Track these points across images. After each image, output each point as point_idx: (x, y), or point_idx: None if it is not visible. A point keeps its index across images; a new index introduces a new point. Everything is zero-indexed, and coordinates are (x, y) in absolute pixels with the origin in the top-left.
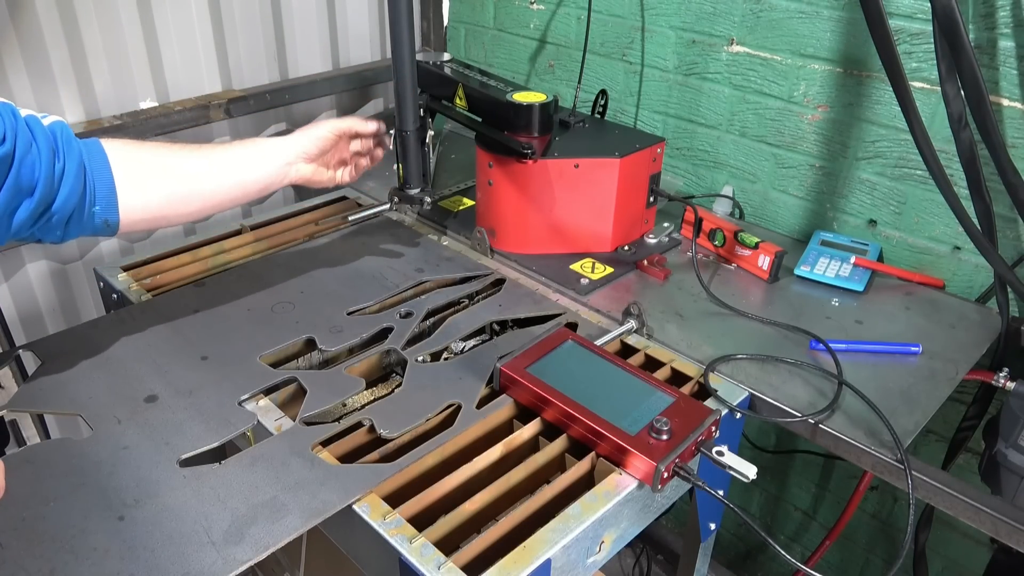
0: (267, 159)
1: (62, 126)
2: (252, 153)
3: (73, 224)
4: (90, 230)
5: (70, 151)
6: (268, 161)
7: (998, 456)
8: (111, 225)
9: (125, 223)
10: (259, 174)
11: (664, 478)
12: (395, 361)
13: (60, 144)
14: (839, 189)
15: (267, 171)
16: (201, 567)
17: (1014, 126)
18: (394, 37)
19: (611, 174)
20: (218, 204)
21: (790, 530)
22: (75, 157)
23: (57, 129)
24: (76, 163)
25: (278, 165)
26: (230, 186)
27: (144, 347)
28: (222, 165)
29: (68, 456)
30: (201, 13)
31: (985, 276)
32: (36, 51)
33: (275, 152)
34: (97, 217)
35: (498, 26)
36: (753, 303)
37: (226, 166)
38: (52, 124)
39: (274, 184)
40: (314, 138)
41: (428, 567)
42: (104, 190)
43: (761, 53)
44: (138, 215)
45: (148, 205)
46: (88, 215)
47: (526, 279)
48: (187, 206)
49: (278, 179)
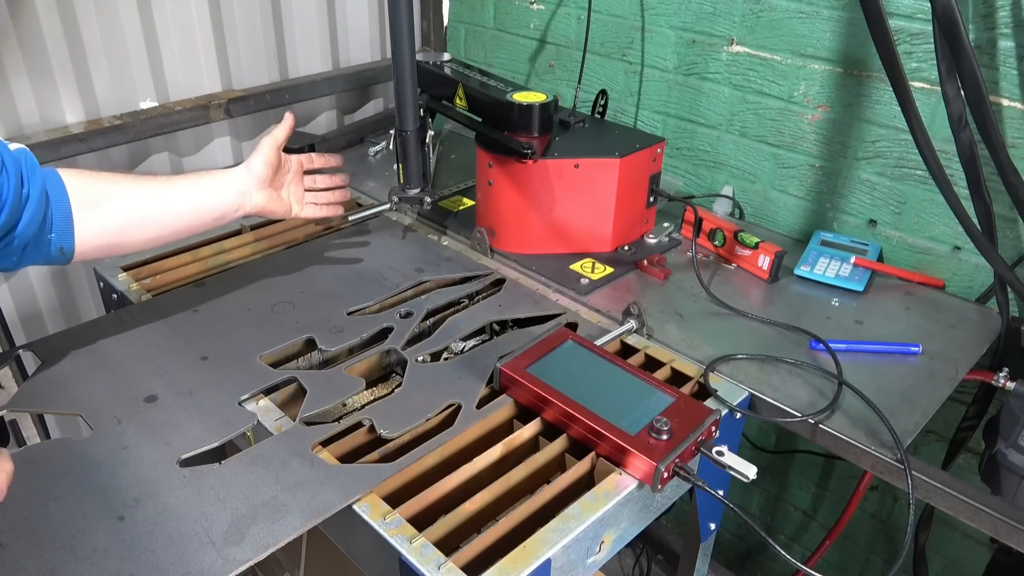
0: (221, 188)
1: (26, 153)
2: (207, 183)
3: (30, 250)
4: (44, 258)
5: (33, 177)
6: (222, 190)
7: (998, 456)
8: (65, 253)
9: (80, 250)
10: (213, 202)
11: (664, 478)
12: (395, 361)
13: (25, 170)
14: (839, 189)
15: (221, 199)
16: (201, 567)
17: (1014, 126)
18: (394, 37)
19: (611, 174)
20: (173, 232)
21: (790, 530)
22: (38, 183)
23: (22, 156)
24: (39, 189)
25: (232, 194)
26: (184, 214)
27: (144, 347)
28: (177, 194)
29: (68, 456)
30: (201, 13)
31: (985, 276)
32: (36, 51)
33: (229, 181)
34: (53, 244)
35: (498, 26)
36: (753, 303)
37: (181, 195)
38: (17, 151)
39: (229, 214)
40: (260, 159)
41: (428, 567)
42: (61, 217)
43: (761, 53)
44: (93, 242)
45: (103, 232)
46: (44, 242)
47: (526, 279)
48: (142, 233)
49: (232, 208)
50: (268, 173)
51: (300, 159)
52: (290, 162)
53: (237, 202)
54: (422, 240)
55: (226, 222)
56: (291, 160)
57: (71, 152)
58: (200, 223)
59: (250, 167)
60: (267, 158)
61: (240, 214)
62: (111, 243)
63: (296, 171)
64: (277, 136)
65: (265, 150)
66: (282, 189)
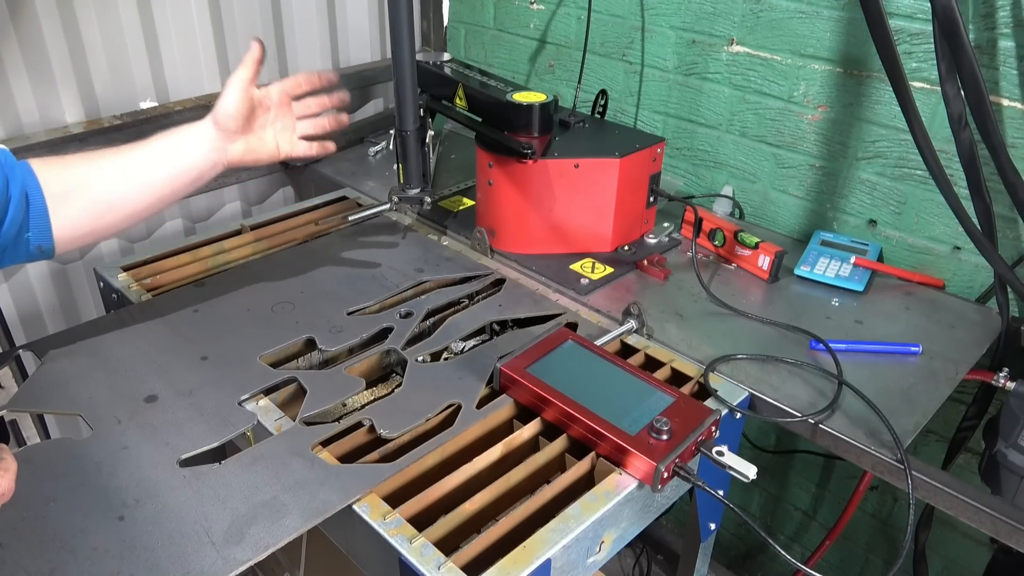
0: (191, 149)
1: (6, 154)
2: (172, 144)
3: (8, 252)
4: (24, 257)
5: (14, 177)
6: (192, 150)
7: (998, 456)
8: (45, 251)
9: (60, 244)
10: (184, 165)
11: (664, 478)
12: (395, 361)
13: (7, 171)
14: (839, 189)
15: (193, 160)
16: (201, 567)
17: (1014, 126)
18: (394, 37)
19: (611, 174)
20: (149, 205)
21: (790, 530)
22: (18, 183)
23: (4, 155)
24: (19, 189)
25: (203, 151)
26: (155, 184)
27: (144, 347)
28: (143, 164)
29: (68, 456)
30: (201, 13)
31: (985, 276)
32: (36, 51)
33: (196, 138)
34: (31, 243)
35: (498, 26)
36: (753, 303)
37: (147, 164)
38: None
39: (205, 173)
40: (225, 108)
41: (428, 567)
42: (36, 215)
43: (761, 53)
44: (68, 233)
45: (78, 222)
46: (22, 242)
47: (526, 279)
48: (116, 213)
49: (208, 166)
50: (237, 121)
51: (284, 88)
52: (270, 96)
53: (212, 159)
54: (422, 240)
55: (207, 180)
56: (271, 93)
57: (71, 152)
58: (175, 189)
59: (216, 119)
60: (233, 105)
61: (220, 169)
62: (88, 230)
63: (280, 103)
64: (242, 76)
65: (230, 95)
66: (264, 130)
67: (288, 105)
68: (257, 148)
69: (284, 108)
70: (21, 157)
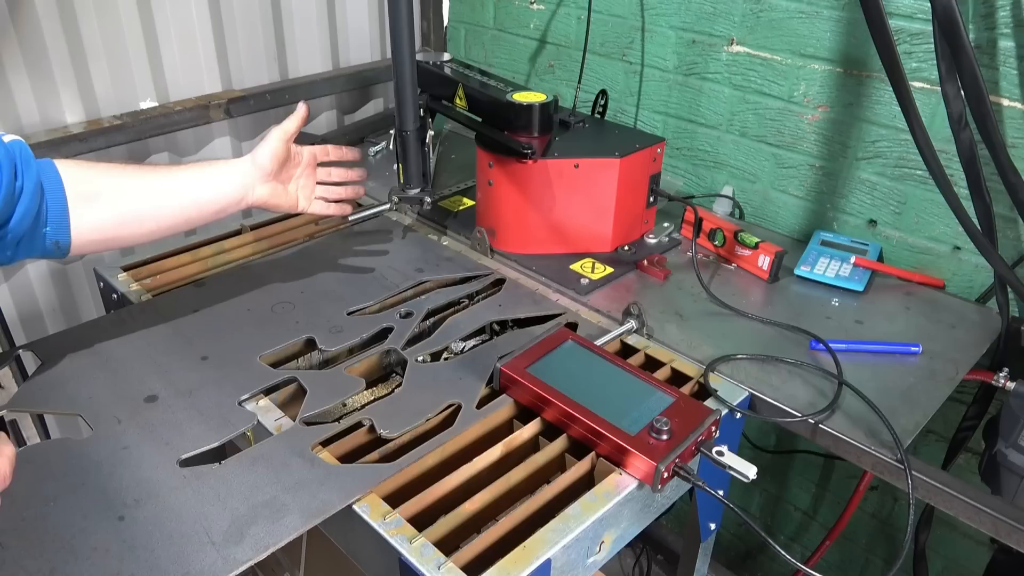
0: (224, 180)
1: (21, 145)
2: (208, 174)
3: (24, 244)
4: (40, 252)
5: (28, 170)
6: (224, 182)
7: (998, 456)
8: (61, 247)
9: (76, 244)
10: (214, 195)
11: (664, 478)
12: (395, 361)
13: (19, 162)
14: (839, 189)
15: (223, 192)
16: (201, 567)
17: (1014, 126)
18: (394, 37)
19: (611, 174)
20: (172, 226)
21: (790, 530)
22: (33, 176)
23: (16, 148)
24: (34, 182)
25: (235, 186)
26: (184, 207)
27: (144, 347)
28: (177, 187)
29: (68, 456)
30: (201, 13)
31: (985, 276)
32: (36, 51)
33: (231, 172)
34: (48, 238)
35: (498, 26)
36: (753, 303)
37: (180, 187)
38: (12, 142)
39: (231, 206)
40: (266, 150)
41: (428, 567)
42: (56, 211)
43: (761, 53)
44: (88, 236)
45: (100, 226)
46: (39, 236)
47: (526, 279)
48: (140, 226)
49: (235, 200)
50: (274, 166)
51: (314, 151)
52: (301, 154)
53: (239, 195)
54: (422, 240)
55: (228, 214)
56: (303, 152)
57: (71, 152)
58: (201, 215)
59: (255, 158)
60: (274, 150)
61: (243, 206)
62: (109, 237)
63: (308, 163)
64: (287, 127)
65: (273, 141)
66: (290, 183)
67: (313, 167)
68: (280, 196)
69: (310, 169)
70: None
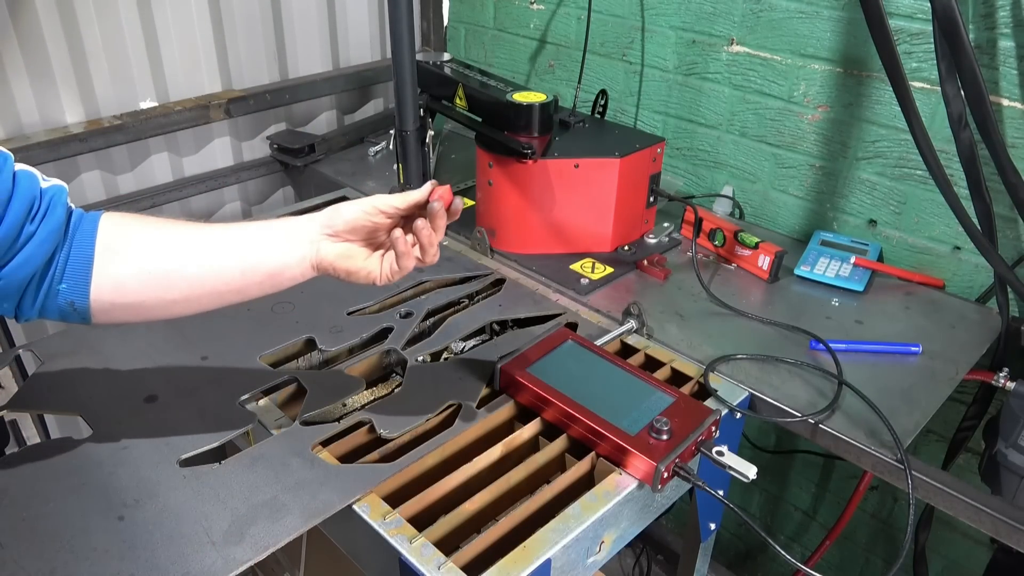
0: (281, 235)
1: (59, 190)
2: (257, 226)
3: (28, 298)
4: (56, 313)
5: (52, 215)
6: (283, 238)
7: (998, 456)
8: (78, 309)
9: (97, 307)
10: (268, 252)
11: (664, 478)
12: (395, 361)
13: (44, 207)
14: (839, 189)
15: (281, 250)
16: (201, 567)
17: (1014, 126)
18: (394, 37)
19: (611, 174)
20: (210, 291)
21: (790, 530)
22: (54, 223)
23: (54, 192)
24: (52, 230)
25: (293, 242)
26: (225, 268)
27: (144, 347)
28: (221, 242)
29: (68, 456)
30: (201, 13)
31: (985, 276)
32: (36, 51)
33: (292, 227)
34: (62, 297)
35: (498, 26)
36: (753, 303)
37: (219, 240)
38: (51, 187)
39: (289, 268)
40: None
41: (428, 567)
42: (77, 267)
43: (761, 53)
44: (108, 297)
45: (119, 285)
46: (52, 293)
47: (526, 279)
48: (167, 291)
49: (296, 262)
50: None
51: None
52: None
53: (301, 252)
54: None
55: (286, 279)
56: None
57: (71, 152)
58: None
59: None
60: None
61: (306, 266)
62: (131, 301)
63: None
64: (391, 202)
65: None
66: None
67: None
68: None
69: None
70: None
